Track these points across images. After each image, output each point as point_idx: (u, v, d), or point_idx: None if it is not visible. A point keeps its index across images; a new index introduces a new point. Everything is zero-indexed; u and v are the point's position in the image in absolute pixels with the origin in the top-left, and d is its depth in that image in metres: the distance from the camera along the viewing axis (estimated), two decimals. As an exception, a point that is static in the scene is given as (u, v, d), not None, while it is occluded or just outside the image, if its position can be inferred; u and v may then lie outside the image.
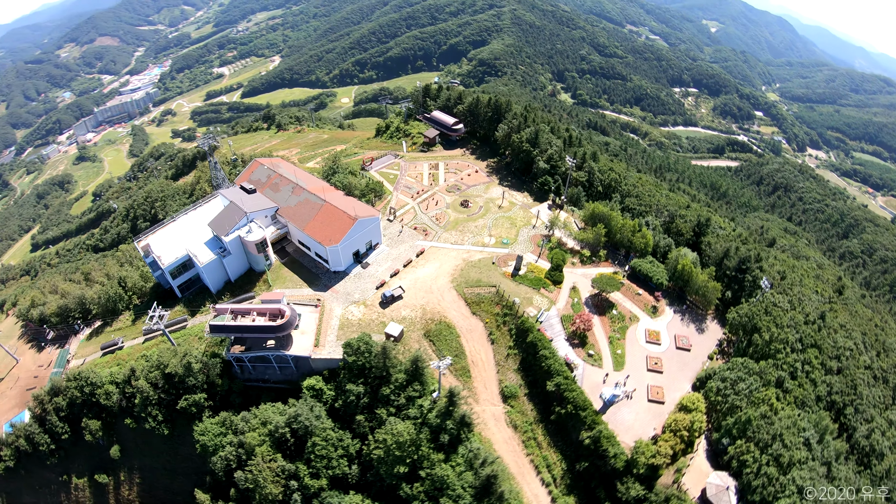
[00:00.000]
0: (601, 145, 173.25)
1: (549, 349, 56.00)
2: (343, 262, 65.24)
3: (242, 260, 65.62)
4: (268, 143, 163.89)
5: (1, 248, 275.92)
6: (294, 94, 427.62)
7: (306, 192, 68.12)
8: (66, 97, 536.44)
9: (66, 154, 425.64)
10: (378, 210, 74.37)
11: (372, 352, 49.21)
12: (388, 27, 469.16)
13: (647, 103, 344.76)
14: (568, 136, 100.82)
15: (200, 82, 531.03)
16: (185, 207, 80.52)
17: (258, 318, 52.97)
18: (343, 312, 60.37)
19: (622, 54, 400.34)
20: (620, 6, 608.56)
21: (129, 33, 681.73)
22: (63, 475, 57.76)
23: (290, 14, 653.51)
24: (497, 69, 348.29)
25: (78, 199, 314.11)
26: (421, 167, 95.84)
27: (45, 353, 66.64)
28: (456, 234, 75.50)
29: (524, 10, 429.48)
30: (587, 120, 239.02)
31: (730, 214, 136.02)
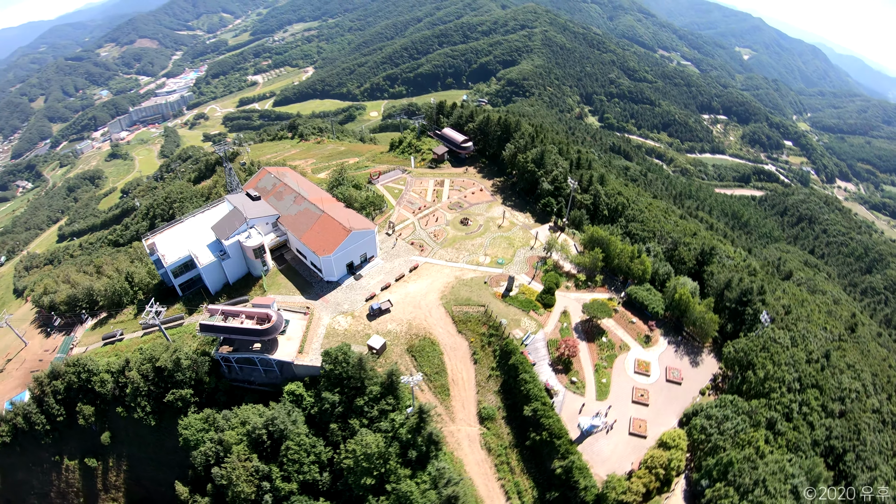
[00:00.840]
0: (620, 170, 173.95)
1: (530, 373, 56.81)
2: (336, 273, 67.95)
3: (241, 264, 69.20)
4: (287, 151, 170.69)
5: (29, 237, 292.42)
6: (325, 106, 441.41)
7: (307, 202, 71.60)
8: (103, 95, 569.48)
9: (100, 150, 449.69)
10: (375, 223, 77.13)
11: (349, 362, 51.20)
12: (421, 44, 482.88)
13: (674, 129, 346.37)
14: (576, 159, 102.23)
15: (234, 89, 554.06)
16: (194, 210, 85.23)
17: (246, 321, 55.86)
18: (330, 322, 62.80)
19: (652, 79, 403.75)
20: (653, 31, 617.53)
21: (169, 37, 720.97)
22: (55, 456, 61.53)
23: (325, 27, 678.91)
24: (525, 89, 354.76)
25: (107, 194, 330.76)
26: (426, 183, 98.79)
27: (52, 338, 71.68)
28: (452, 252, 77.49)
29: (555, 31, 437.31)
30: (611, 144, 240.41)
31: (749, 245, 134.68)
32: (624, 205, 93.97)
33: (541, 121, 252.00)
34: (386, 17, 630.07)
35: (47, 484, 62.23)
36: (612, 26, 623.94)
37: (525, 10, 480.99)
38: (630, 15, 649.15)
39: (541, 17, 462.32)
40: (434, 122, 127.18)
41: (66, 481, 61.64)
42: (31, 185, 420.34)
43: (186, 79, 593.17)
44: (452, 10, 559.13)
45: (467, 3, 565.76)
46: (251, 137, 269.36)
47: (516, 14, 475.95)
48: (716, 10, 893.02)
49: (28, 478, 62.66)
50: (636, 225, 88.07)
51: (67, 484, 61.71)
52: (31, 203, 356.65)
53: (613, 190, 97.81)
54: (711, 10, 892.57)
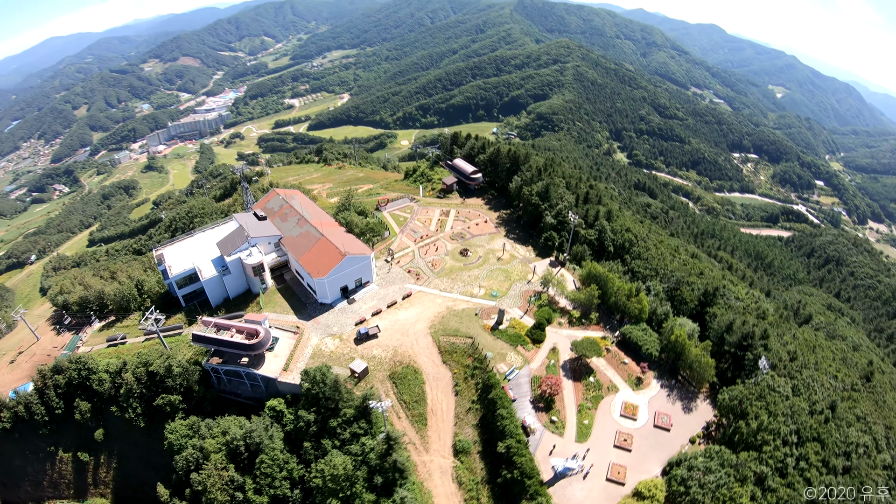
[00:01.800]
0: (641, 207, 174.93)
1: (508, 409, 57.94)
2: (329, 295, 71.60)
3: (241, 280, 73.91)
4: (309, 175, 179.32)
5: (60, 239, 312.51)
6: (357, 132, 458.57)
7: (309, 225, 76.36)
8: (143, 108, 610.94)
9: (136, 161, 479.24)
10: (375, 249, 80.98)
11: (326, 383, 53.84)
12: (455, 75, 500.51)
13: (703, 167, 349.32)
14: (584, 193, 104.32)
15: (271, 111, 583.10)
16: (204, 226, 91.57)
17: (236, 335, 59.74)
18: (318, 343, 66.01)
19: (683, 116, 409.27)
20: (686, 68, 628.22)
21: (211, 57, 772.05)
22: (51, 446, 66.21)
23: (363, 55, 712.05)
24: (554, 124, 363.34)
25: (139, 204, 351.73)
26: (432, 212, 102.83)
27: (62, 336, 77.82)
28: (447, 282, 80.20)
29: (587, 67, 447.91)
30: (636, 181, 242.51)
31: (770, 287, 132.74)
32: (631, 241, 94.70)
33: (565, 155, 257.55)
34: (422, 48, 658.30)
35: (41, 473, 66.97)
36: (646, 63, 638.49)
37: (558, 45, 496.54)
38: (663, 52, 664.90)
39: (573, 52, 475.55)
40: (448, 152, 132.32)
41: (58, 472, 66.24)
42: (67, 190, 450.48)
43: (225, 98, 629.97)
44: (488, 44, 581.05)
45: (502, 36, 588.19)
46: (281, 159, 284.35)
47: (549, 49, 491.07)
48: (749, 47, 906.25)
49: (24, 464, 67.55)
50: (639, 262, 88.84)
51: (60, 475, 66.26)
52: (66, 207, 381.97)
53: (621, 226, 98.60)
54: (745, 47, 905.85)
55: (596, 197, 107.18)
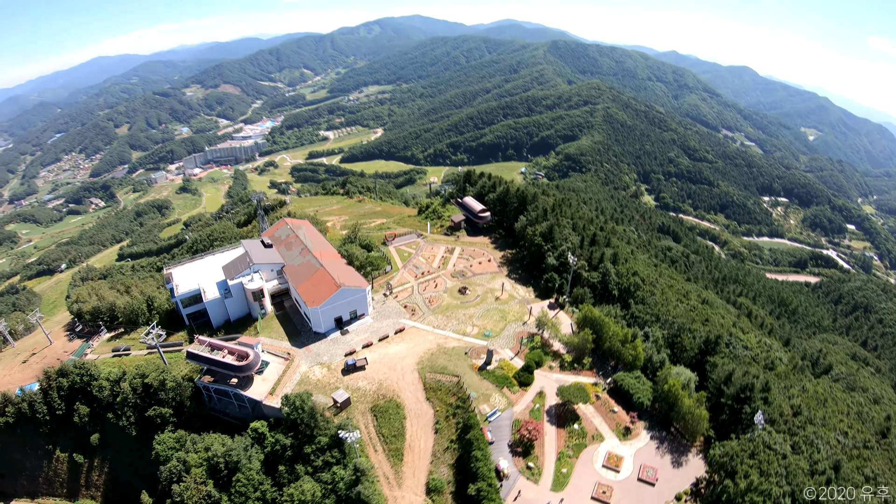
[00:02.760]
0: (661, 250, 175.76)
1: (483, 451, 59.05)
2: (323, 325, 75.54)
3: (242, 304, 78.97)
4: (329, 206, 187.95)
5: (91, 251, 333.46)
6: (388, 167, 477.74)
7: (310, 255, 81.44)
8: (183, 131, 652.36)
9: (172, 182, 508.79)
10: (373, 283, 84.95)
11: (305, 409, 56.83)
12: (486, 114, 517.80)
13: (732, 211, 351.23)
14: (592, 235, 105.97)
15: (306, 142, 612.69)
16: (214, 249, 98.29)
17: (228, 356, 63.92)
18: (307, 370, 69.48)
19: (712, 159, 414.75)
20: (717, 110, 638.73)
21: (251, 86, 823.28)
22: (49, 445, 71.36)
23: (399, 91, 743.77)
24: (582, 165, 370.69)
25: (170, 224, 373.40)
26: (437, 249, 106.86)
27: (73, 342, 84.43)
28: (442, 319, 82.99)
29: (617, 108, 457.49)
30: (660, 224, 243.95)
31: (792, 334, 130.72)
32: (637, 285, 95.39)
33: (589, 196, 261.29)
34: (456, 87, 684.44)
35: (38, 469, 72.15)
36: (677, 105, 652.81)
37: (589, 86, 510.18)
38: (695, 94, 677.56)
39: (604, 93, 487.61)
40: (461, 190, 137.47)
41: (54, 470, 71.37)
42: (103, 204, 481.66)
43: (262, 127, 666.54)
44: (520, 84, 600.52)
45: (535, 77, 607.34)
46: (309, 189, 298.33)
47: (580, 90, 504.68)
48: (781, 89, 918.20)
49: (23, 459, 72.88)
50: (641, 307, 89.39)
51: (55, 473, 71.33)
52: (100, 220, 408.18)
53: (627, 269, 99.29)
54: (777, 89, 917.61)
55: (604, 239, 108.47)
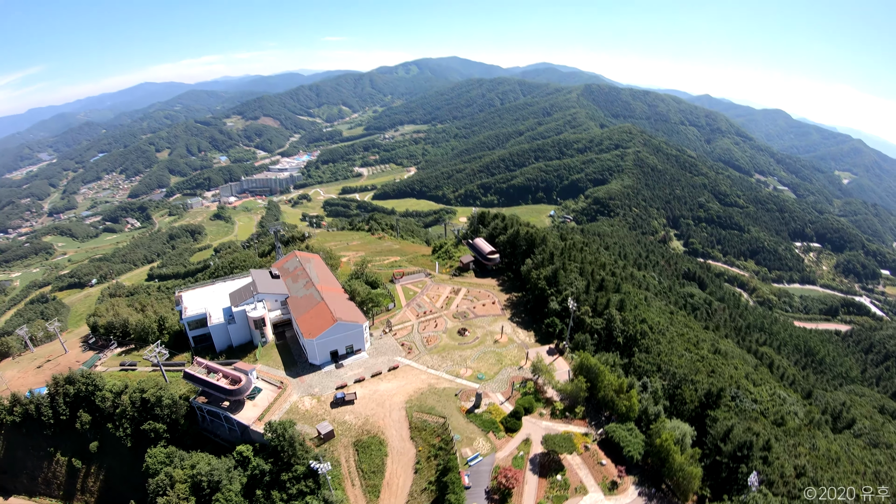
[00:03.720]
0: (682, 297, 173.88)
1: (457, 495, 59.77)
2: (319, 357, 79.14)
3: (245, 331, 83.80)
4: (349, 242, 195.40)
5: (123, 269, 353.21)
6: (419, 206, 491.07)
7: (314, 289, 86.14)
8: (221, 160, 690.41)
9: (207, 209, 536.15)
10: (374, 320, 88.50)
11: (285, 437, 59.66)
12: (518, 156, 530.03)
13: (762, 257, 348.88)
14: (600, 280, 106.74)
15: (340, 177, 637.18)
16: (226, 276, 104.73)
17: (222, 379, 67.97)
18: (297, 400, 72.64)
19: (743, 204, 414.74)
20: (750, 154, 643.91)
21: (290, 119, 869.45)
22: (51, 447, 76.76)
23: (433, 131, 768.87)
24: (610, 209, 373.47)
25: (201, 249, 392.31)
26: (443, 290, 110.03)
27: (86, 353, 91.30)
28: (437, 359, 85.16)
29: (648, 152, 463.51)
30: (685, 269, 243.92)
31: (815, 386, 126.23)
32: (644, 333, 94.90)
33: (614, 241, 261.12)
34: (490, 128, 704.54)
35: (38, 469, 77.56)
36: (709, 149, 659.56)
37: (621, 130, 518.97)
38: (728, 138, 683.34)
39: (636, 137, 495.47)
40: (474, 231, 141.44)
41: (53, 472, 76.57)
42: (139, 224, 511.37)
43: (299, 160, 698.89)
44: (553, 126, 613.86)
45: (568, 120, 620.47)
46: (336, 224, 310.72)
47: (612, 134, 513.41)
48: (815, 132, 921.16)
49: (25, 458, 78.45)
50: (643, 356, 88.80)
51: (54, 475, 76.47)
52: (135, 240, 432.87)
53: (635, 317, 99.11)
54: (810, 132, 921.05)
55: (613, 285, 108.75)
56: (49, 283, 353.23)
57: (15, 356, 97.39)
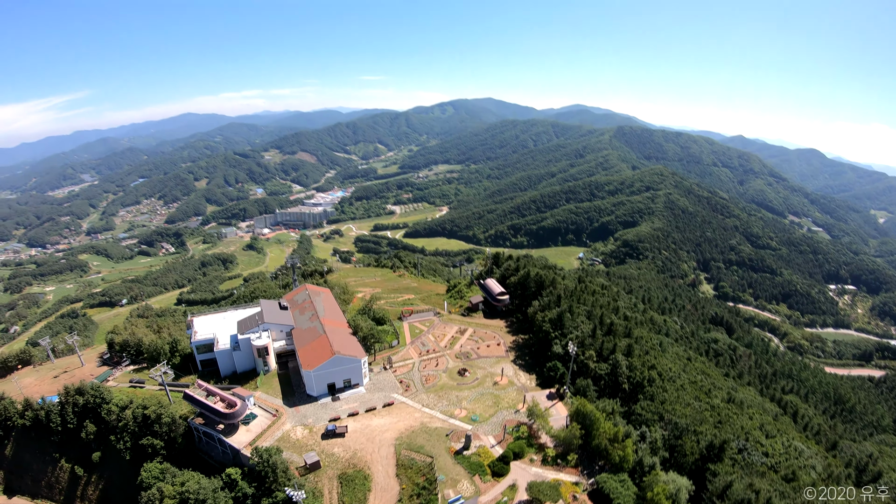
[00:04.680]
0: (705, 342, 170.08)
1: (435, 535, 60.17)
2: (316, 389, 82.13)
3: (249, 358, 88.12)
4: (370, 278, 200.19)
5: (153, 292, 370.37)
6: (449, 245, 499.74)
7: (318, 322, 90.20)
8: (257, 192, 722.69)
9: (241, 239, 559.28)
10: (368, 354, 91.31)
11: (269, 462, 62.17)
12: (549, 198, 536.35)
13: (795, 300, 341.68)
14: (608, 325, 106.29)
15: (373, 214, 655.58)
16: (238, 304, 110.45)
17: (219, 403, 71.72)
18: (290, 429, 75.33)
19: (776, 246, 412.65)
20: (783, 195, 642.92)
21: (326, 156, 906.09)
22: (56, 453, 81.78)
23: (467, 171, 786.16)
24: (639, 252, 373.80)
25: (231, 278, 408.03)
26: (449, 329, 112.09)
27: (100, 368, 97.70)
28: (433, 398, 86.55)
29: (679, 194, 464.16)
30: (713, 314, 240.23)
31: (842, 436, 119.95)
32: (651, 380, 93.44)
33: (640, 284, 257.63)
34: (522, 170, 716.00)
35: (42, 473, 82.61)
36: (742, 190, 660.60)
37: (652, 172, 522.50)
38: (761, 179, 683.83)
39: (667, 179, 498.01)
40: (489, 271, 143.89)
41: (56, 477, 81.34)
42: (173, 250, 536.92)
43: (333, 196, 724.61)
44: (585, 168, 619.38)
45: (600, 162, 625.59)
46: (363, 259, 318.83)
47: (643, 176, 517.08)
48: (850, 170, 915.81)
49: (31, 461, 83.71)
50: (646, 404, 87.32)
51: (56, 480, 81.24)
52: (168, 265, 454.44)
53: (643, 363, 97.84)
54: (845, 170, 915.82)
55: (623, 329, 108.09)
56: (81, 299, 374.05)
57: (36, 365, 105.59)
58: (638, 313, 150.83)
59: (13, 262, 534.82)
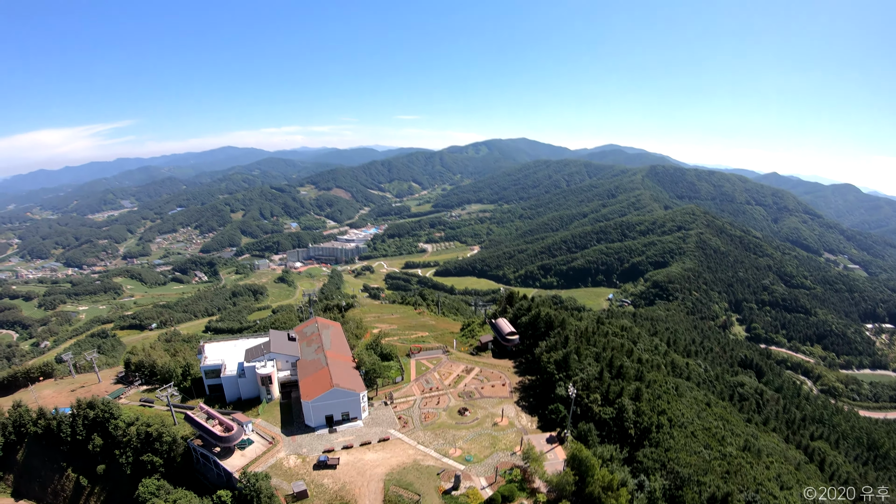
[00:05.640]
0: (731, 386, 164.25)
1: (413, 575, 59.78)
2: (314, 419, 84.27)
3: (254, 386, 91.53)
4: (389, 314, 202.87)
5: (183, 318, 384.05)
6: (479, 284, 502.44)
7: (322, 354, 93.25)
8: (292, 226, 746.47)
9: (273, 271, 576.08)
10: (367, 389, 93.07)
11: (254, 487, 64.10)
12: (580, 238, 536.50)
13: (830, 341, 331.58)
14: (618, 367, 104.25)
15: (405, 251, 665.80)
16: (251, 333, 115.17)
17: (217, 426, 74.84)
18: (283, 457, 77.32)
19: (810, 285, 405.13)
20: (819, 233, 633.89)
21: (361, 192, 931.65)
22: (63, 462, 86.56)
23: (499, 210, 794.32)
24: (669, 293, 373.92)
25: (260, 309, 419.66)
26: (456, 368, 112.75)
27: (115, 386, 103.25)
28: (429, 435, 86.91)
29: (711, 234, 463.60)
30: (741, 357, 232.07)
31: (878, 482, 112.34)
32: (660, 425, 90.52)
33: (668, 326, 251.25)
34: (555, 210, 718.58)
35: (49, 480, 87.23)
36: (776, 229, 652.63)
37: (684, 211, 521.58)
38: (795, 216, 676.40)
39: (699, 218, 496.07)
40: (503, 310, 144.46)
41: (61, 485, 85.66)
42: (206, 279, 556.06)
43: (366, 232, 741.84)
44: (617, 208, 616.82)
45: (632, 202, 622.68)
46: (392, 296, 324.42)
47: (675, 215, 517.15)
48: (886, 205, 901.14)
49: (40, 467, 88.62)
50: (648, 451, 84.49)
51: (62, 488, 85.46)
52: (199, 293, 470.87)
53: (652, 408, 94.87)
54: (882, 205, 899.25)
55: (634, 372, 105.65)
56: (112, 320, 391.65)
57: (57, 378, 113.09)
58: (658, 356, 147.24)
59: (49, 279, 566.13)
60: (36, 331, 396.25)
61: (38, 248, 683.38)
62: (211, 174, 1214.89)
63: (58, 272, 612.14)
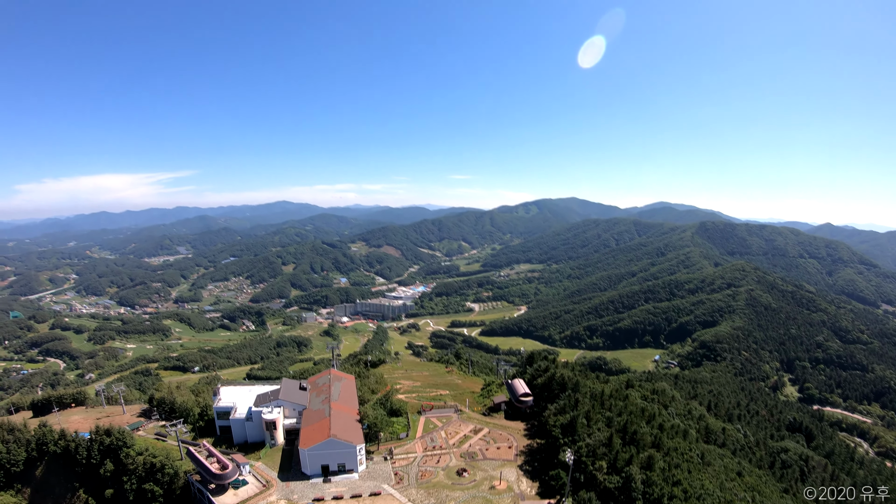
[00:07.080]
0: (773, 452, 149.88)
1: None
2: (310, 468, 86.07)
3: (260, 430, 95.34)
4: (418, 371, 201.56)
5: (226, 364, 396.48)
6: (524, 344, 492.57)
7: (328, 406, 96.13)
8: (341, 281, 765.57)
9: (319, 325, 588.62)
10: (381, 447, 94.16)
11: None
12: (627, 297, 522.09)
13: (888, 399, 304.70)
14: (632, 433, 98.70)
15: (451, 310, 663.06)
16: (266, 380, 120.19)
17: (214, 464, 78.43)
18: (274, 500, 79.27)
19: (867, 339, 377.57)
20: (875, 283, 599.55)
21: (410, 251, 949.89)
22: (77, 483, 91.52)
23: (548, 270, 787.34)
24: (717, 353, 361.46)
25: (303, 360, 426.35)
26: (464, 427, 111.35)
27: (137, 418, 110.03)
28: (422, 494, 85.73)
29: (762, 290, 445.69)
30: (790, 419, 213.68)
31: None
32: (672, 496, 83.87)
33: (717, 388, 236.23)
34: (603, 269, 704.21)
35: (62, 497, 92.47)
36: (831, 282, 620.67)
37: (733, 268, 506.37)
38: (850, 267, 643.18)
39: (749, 275, 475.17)
40: (523, 370, 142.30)
41: None
42: (253, 328, 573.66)
43: (414, 290, 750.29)
44: (666, 267, 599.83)
45: (681, 260, 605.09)
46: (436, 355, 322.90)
47: (724, 272, 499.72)
48: None
49: (55, 484, 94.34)
50: None
51: None
52: (245, 341, 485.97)
53: (666, 478, 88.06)
54: None
55: (650, 438, 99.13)
56: (157, 360, 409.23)
57: (88, 407, 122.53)
58: (691, 421, 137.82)
59: (101, 315, 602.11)
60: (83, 363, 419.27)
61: (93, 285, 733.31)
62: (265, 227, 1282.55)
63: (110, 310, 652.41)
